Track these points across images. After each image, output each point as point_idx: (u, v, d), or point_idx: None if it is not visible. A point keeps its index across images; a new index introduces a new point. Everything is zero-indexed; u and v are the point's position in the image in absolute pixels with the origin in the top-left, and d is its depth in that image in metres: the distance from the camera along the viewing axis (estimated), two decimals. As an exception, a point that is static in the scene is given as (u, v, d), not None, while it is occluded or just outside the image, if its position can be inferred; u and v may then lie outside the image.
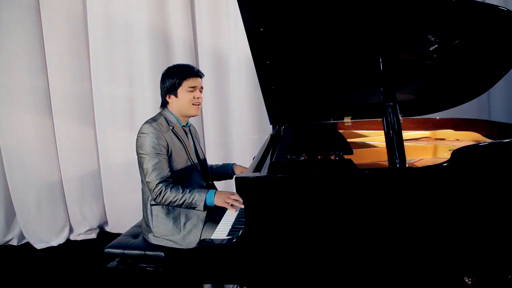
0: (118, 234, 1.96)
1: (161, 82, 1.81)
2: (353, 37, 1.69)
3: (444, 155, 1.77)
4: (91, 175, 3.05)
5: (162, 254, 1.70)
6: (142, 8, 2.88)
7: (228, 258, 1.11)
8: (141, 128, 1.70)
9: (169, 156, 1.71)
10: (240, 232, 1.10)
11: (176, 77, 1.76)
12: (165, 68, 1.84)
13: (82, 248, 2.84)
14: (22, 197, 2.89)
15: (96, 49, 2.94)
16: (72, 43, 2.93)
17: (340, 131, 2.38)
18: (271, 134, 2.40)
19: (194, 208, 1.60)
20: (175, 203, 1.60)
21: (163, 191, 1.61)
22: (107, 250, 1.77)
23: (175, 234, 1.70)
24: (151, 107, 2.91)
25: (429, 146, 1.81)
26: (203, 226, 1.71)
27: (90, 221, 3.04)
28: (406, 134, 2.16)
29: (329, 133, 2.07)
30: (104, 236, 3.03)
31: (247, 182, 1.08)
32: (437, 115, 2.33)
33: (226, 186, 2.73)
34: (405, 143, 2.03)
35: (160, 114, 1.81)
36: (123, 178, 3.00)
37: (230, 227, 1.42)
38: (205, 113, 3.14)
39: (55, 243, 2.90)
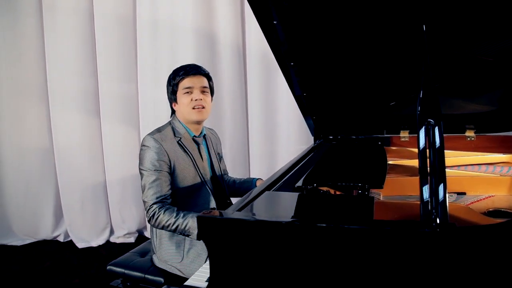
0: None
1: (166, 91, 1.64)
2: (408, 30, 1.31)
3: (528, 192, 1.28)
4: (133, 179, 3.02)
5: (162, 280, 1.52)
6: (188, 10, 2.77)
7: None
8: (142, 140, 1.54)
9: (173, 172, 1.51)
10: None
11: (172, 80, 1.57)
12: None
13: (118, 252, 2.80)
14: (69, 196, 2.99)
15: (143, 52, 2.90)
16: (121, 47, 2.94)
17: (394, 147, 1.97)
18: (313, 146, 2.09)
19: (188, 235, 1.38)
20: (168, 228, 1.40)
21: (156, 213, 1.42)
22: (109, 267, 1.64)
23: (178, 260, 1.51)
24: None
25: (504, 178, 1.33)
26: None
27: (129, 225, 3.03)
28: (476, 157, 1.68)
29: (369, 153, 1.69)
30: (142, 241, 2.97)
31: (210, 224, 0.82)
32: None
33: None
34: (472, 170, 1.57)
35: (168, 123, 1.64)
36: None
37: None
38: (251, 120, 2.94)
39: (95, 243, 2.94)
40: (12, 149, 2.98)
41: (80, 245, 2.92)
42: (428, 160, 0.82)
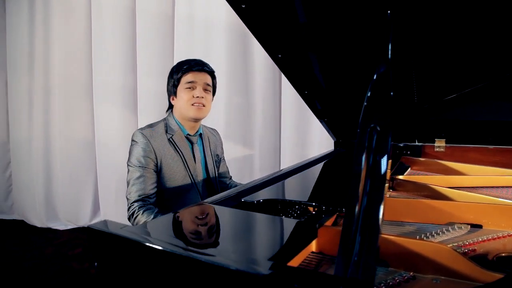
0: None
1: (167, 83, 1.58)
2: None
3: None
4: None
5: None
6: (222, 8, 2.71)
7: None
8: (132, 134, 1.49)
9: (160, 170, 1.44)
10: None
11: (175, 73, 1.50)
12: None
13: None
14: (105, 188, 3.13)
15: (179, 50, 2.91)
16: (160, 45, 2.99)
17: (422, 159, 1.64)
18: (325, 154, 1.86)
19: None
20: None
21: (135, 212, 1.36)
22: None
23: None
24: (223, 107, 2.75)
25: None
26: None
27: (158, 220, 3.05)
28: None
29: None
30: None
31: (96, 237, 0.70)
32: None
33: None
34: (501, 194, 1.18)
35: (162, 119, 1.57)
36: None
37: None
38: (284, 122, 2.78)
39: (125, 235, 3.01)
40: (61, 141, 3.22)
41: (111, 235, 3.02)
42: (362, 181, 0.59)
